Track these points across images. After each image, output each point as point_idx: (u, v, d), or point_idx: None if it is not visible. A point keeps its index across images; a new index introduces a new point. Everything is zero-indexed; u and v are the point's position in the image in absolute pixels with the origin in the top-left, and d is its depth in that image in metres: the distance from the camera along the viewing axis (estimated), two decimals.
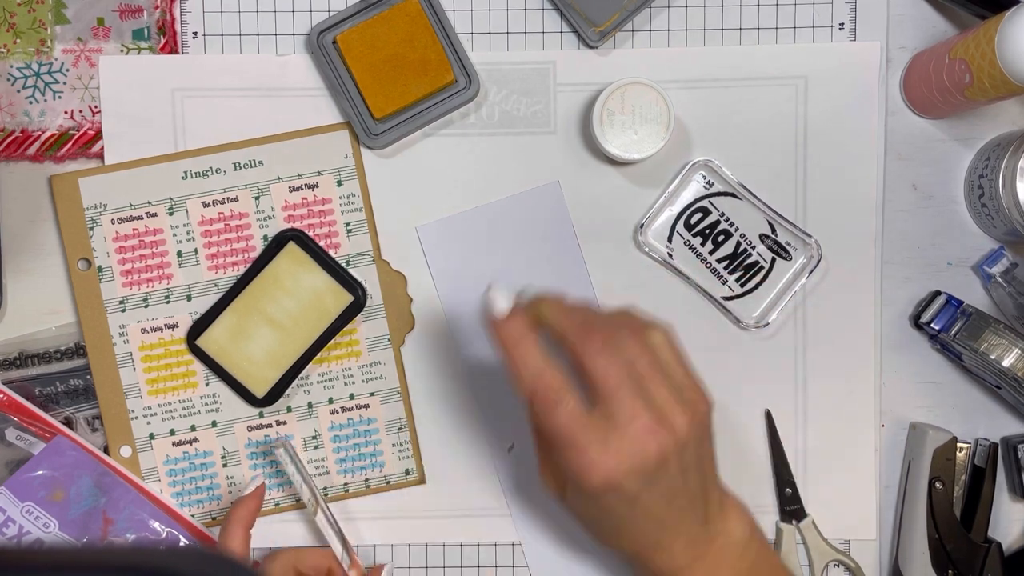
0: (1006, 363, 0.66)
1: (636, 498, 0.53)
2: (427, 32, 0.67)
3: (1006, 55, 0.57)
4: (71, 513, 0.67)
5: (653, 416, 0.52)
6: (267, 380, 0.69)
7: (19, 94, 0.68)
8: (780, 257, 0.70)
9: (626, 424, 0.51)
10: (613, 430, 0.51)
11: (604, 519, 0.55)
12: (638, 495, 0.53)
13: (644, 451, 0.51)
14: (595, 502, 0.53)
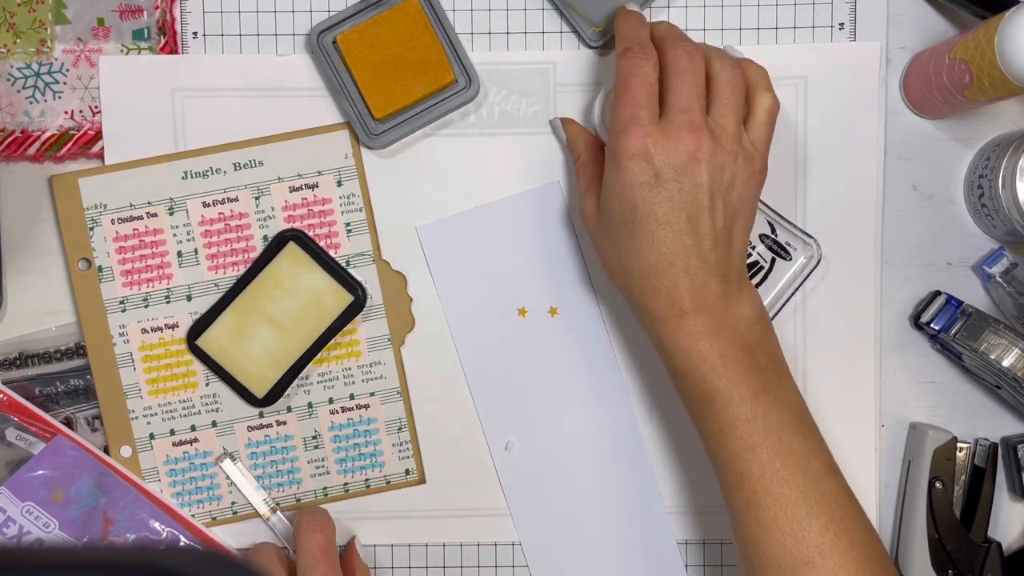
0: (1006, 363, 0.66)
1: (661, 183, 0.56)
2: (427, 32, 0.67)
3: (1006, 55, 0.57)
4: (71, 513, 0.67)
5: (703, 121, 0.57)
6: (267, 380, 0.69)
7: (19, 94, 0.68)
8: (780, 257, 0.70)
9: (678, 113, 0.57)
10: (666, 116, 0.57)
11: (627, 211, 0.57)
12: (664, 180, 0.56)
13: (681, 140, 0.56)
14: (624, 171, 0.57)
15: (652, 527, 0.71)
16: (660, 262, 0.57)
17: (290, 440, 0.70)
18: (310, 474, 0.71)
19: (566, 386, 0.70)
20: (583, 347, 0.70)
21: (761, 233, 0.70)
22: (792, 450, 0.57)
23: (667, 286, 0.57)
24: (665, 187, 0.56)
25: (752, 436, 0.57)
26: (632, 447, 0.70)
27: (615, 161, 0.57)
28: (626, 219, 0.58)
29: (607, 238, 0.60)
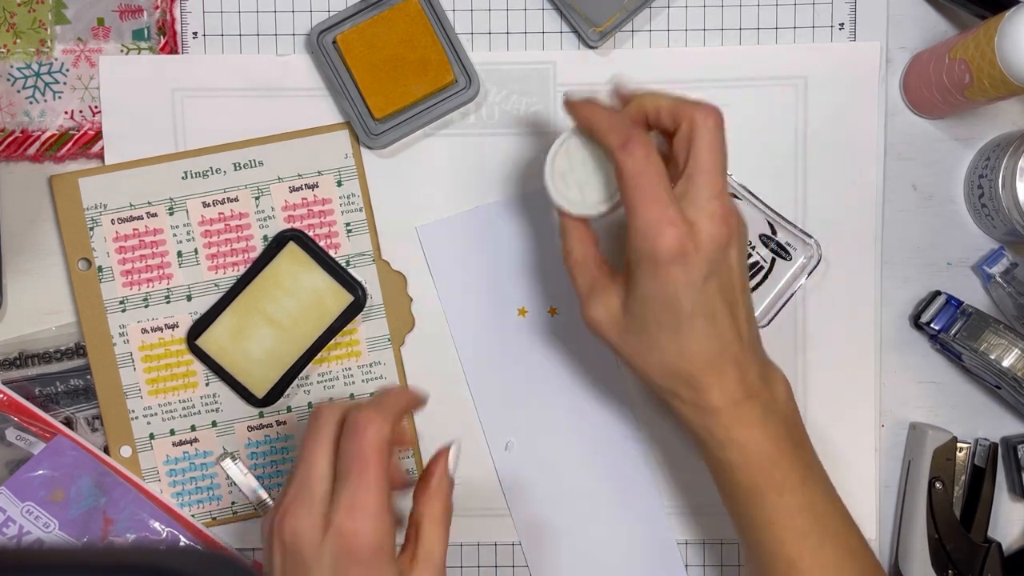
0: (1006, 363, 0.66)
1: (704, 279, 0.53)
2: (427, 32, 0.67)
3: (1006, 55, 0.57)
4: (71, 513, 0.67)
5: (727, 204, 0.53)
6: (267, 380, 0.69)
7: (19, 94, 0.68)
8: (780, 257, 0.70)
9: (707, 201, 0.53)
10: (692, 203, 0.53)
11: (667, 312, 0.53)
12: (706, 276, 0.53)
13: (717, 228, 0.53)
14: (663, 278, 0.52)
15: (652, 527, 0.71)
16: (710, 356, 0.54)
17: (290, 440, 0.70)
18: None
19: (566, 386, 0.70)
20: (583, 347, 0.70)
21: (761, 233, 0.70)
22: (837, 533, 0.57)
23: (718, 379, 0.54)
24: (708, 283, 0.53)
25: (803, 524, 0.56)
26: (632, 447, 0.70)
27: (652, 267, 0.53)
28: (668, 322, 0.54)
29: (640, 343, 0.55)
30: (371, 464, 0.51)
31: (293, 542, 0.50)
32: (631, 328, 0.55)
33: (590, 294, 0.57)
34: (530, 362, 0.70)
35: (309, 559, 0.50)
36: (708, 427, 0.55)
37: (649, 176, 0.52)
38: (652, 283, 0.53)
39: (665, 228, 0.52)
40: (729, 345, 0.54)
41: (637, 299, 0.54)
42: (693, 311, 0.53)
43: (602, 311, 0.56)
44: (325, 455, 0.53)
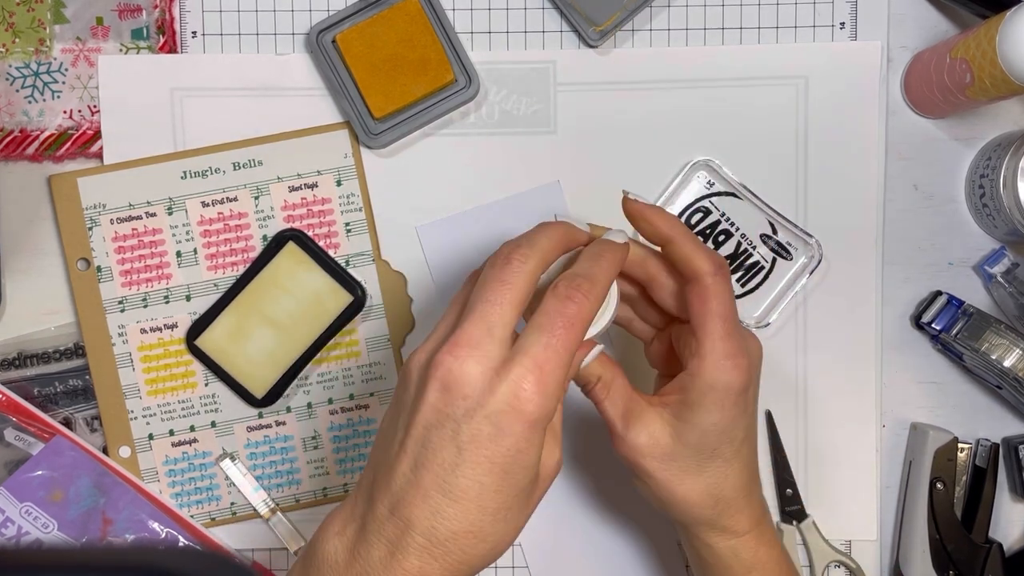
0: (1007, 363, 0.66)
1: (752, 407, 0.53)
2: (427, 32, 0.67)
3: (1007, 54, 0.57)
4: (70, 513, 0.67)
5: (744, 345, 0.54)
6: (266, 380, 0.69)
7: (18, 94, 0.68)
8: (781, 257, 0.70)
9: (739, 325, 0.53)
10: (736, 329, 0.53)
11: (725, 442, 0.53)
12: (753, 403, 0.54)
13: (758, 352, 0.55)
14: (731, 408, 0.52)
15: (652, 527, 0.70)
16: (746, 481, 0.55)
17: (289, 440, 0.70)
18: (309, 475, 0.70)
19: None
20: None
21: (762, 233, 0.69)
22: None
23: (748, 503, 0.55)
24: (753, 408, 0.54)
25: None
26: None
27: (723, 398, 0.52)
28: (722, 451, 0.53)
29: (684, 471, 0.54)
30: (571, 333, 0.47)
31: (460, 381, 0.45)
32: (678, 456, 0.54)
33: (627, 420, 0.54)
34: None
35: (472, 405, 0.45)
36: (736, 551, 0.56)
37: (732, 307, 0.52)
38: (719, 414, 0.52)
39: (740, 360, 0.52)
40: (756, 464, 0.56)
41: (694, 428, 0.53)
42: (745, 437, 0.54)
43: (645, 439, 0.53)
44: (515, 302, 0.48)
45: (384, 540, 0.46)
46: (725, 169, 0.69)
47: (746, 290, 0.70)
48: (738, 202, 0.69)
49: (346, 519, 0.47)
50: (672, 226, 0.53)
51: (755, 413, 0.55)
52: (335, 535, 0.47)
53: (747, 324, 0.69)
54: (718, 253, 0.55)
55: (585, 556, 0.71)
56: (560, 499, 0.70)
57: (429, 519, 0.45)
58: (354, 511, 0.47)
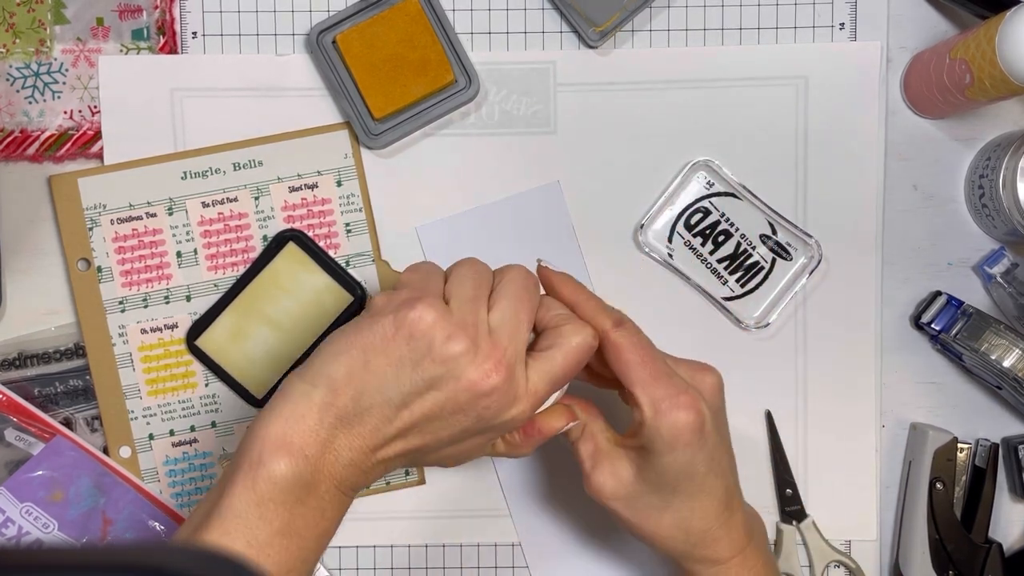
0: (1007, 364, 0.66)
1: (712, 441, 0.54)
2: (427, 32, 0.67)
3: (1006, 55, 0.57)
4: (70, 514, 0.67)
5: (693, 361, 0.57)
6: (267, 381, 0.69)
7: (18, 94, 0.68)
8: (780, 257, 0.70)
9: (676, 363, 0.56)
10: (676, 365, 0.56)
11: (684, 480, 0.54)
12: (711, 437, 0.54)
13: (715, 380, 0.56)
14: (681, 450, 0.53)
15: None
16: (719, 509, 0.56)
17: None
18: None
19: None
20: None
21: (762, 233, 0.69)
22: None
23: (727, 531, 0.56)
24: (715, 439, 0.55)
25: None
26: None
27: (672, 441, 0.53)
28: (684, 487, 0.55)
29: (651, 508, 0.56)
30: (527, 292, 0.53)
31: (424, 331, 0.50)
32: (643, 494, 0.56)
33: (595, 461, 0.57)
34: None
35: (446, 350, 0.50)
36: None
37: (647, 351, 0.54)
38: (669, 455, 0.53)
39: (681, 399, 0.53)
40: (732, 490, 0.56)
41: (652, 468, 0.54)
42: (707, 471, 0.54)
43: (610, 480, 0.56)
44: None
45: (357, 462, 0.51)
46: (725, 169, 0.69)
47: (746, 290, 0.70)
48: (738, 202, 0.69)
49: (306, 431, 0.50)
50: (574, 292, 0.56)
51: (719, 444, 0.55)
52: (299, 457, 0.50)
53: (747, 325, 0.69)
54: (617, 310, 0.56)
55: (585, 556, 0.71)
56: (560, 499, 0.70)
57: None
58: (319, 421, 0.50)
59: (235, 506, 0.49)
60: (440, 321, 0.50)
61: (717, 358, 0.69)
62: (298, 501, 0.49)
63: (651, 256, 0.70)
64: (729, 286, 0.70)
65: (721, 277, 0.70)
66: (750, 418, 0.70)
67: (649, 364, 0.54)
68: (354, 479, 0.51)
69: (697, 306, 0.70)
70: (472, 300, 0.52)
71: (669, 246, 0.70)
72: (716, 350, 0.69)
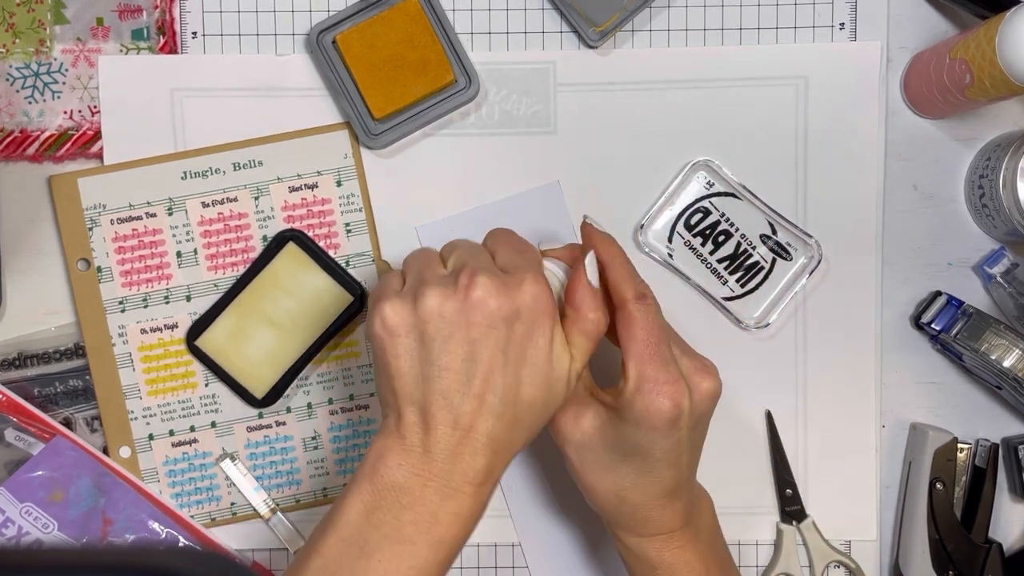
0: (1007, 364, 0.66)
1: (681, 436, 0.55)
2: (427, 32, 0.67)
3: (1006, 55, 0.57)
4: (70, 514, 0.67)
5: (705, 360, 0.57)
6: (267, 381, 0.69)
7: (18, 94, 0.68)
8: (780, 257, 0.70)
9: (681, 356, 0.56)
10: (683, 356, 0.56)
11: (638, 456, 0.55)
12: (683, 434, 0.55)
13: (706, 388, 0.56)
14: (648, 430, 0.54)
15: None
16: (659, 494, 0.57)
17: (289, 441, 0.70)
18: (310, 475, 0.70)
19: None
20: None
21: (762, 233, 0.69)
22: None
23: (659, 513, 0.57)
24: (683, 438, 0.55)
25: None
26: None
27: (643, 419, 0.54)
28: (635, 461, 0.56)
29: (599, 466, 0.57)
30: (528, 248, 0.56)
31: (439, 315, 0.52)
32: (596, 448, 0.57)
33: (568, 403, 0.57)
34: None
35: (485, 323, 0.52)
36: (643, 549, 0.58)
37: (656, 334, 0.54)
38: (634, 430, 0.55)
39: (665, 388, 0.53)
40: (679, 487, 0.57)
41: (614, 431, 0.56)
42: (663, 458, 0.55)
43: (571, 423, 0.57)
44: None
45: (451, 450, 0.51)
46: (725, 169, 0.69)
47: (746, 290, 0.70)
48: (738, 202, 0.69)
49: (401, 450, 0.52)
50: (611, 254, 0.57)
51: (685, 441, 0.55)
52: (397, 466, 0.51)
53: (747, 325, 0.69)
54: (646, 284, 0.56)
55: (585, 556, 0.71)
56: (560, 500, 0.70)
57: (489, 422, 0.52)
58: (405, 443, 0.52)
59: (347, 513, 0.51)
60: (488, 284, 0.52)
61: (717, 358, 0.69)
62: (403, 507, 0.51)
63: (651, 256, 0.70)
64: (729, 286, 0.70)
65: (721, 277, 0.70)
66: (750, 418, 0.70)
67: (652, 345, 0.54)
68: (459, 473, 0.51)
69: (697, 306, 0.70)
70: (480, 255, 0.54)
71: (669, 246, 0.70)
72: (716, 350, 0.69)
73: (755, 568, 0.71)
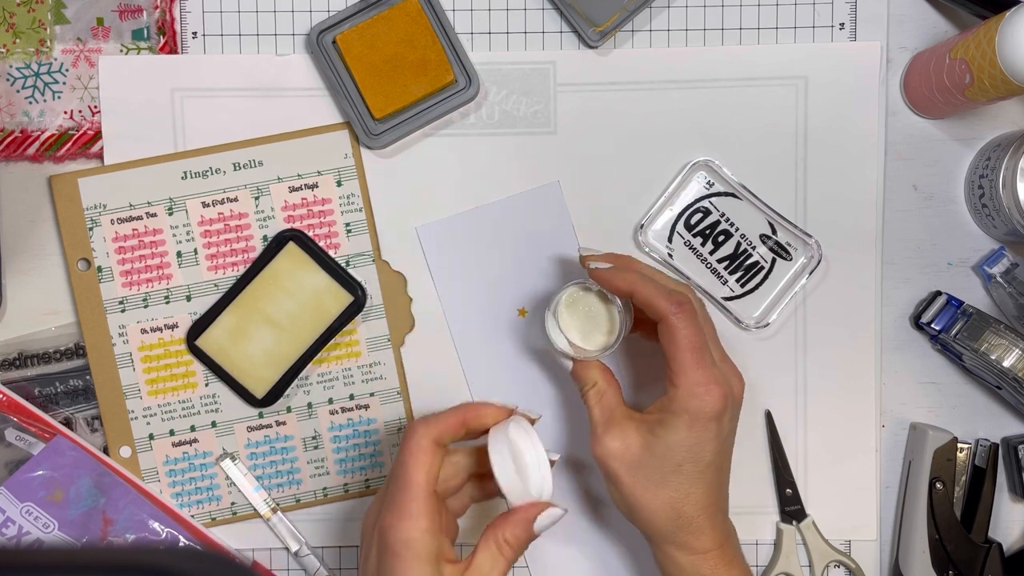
0: (1007, 363, 0.66)
1: (726, 436, 0.58)
2: (427, 32, 0.67)
3: (1006, 55, 0.57)
4: (71, 513, 0.67)
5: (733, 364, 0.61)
6: (267, 380, 0.69)
7: (19, 94, 0.68)
8: (780, 257, 0.70)
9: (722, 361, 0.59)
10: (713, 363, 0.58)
11: (689, 462, 0.57)
12: (728, 433, 0.58)
13: (737, 388, 0.59)
14: (700, 431, 0.57)
15: None
16: (709, 502, 0.59)
17: (290, 440, 0.70)
18: (310, 474, 0.70)
19: (565, 386, 0.70)
20: None
21: (762, 233, 0.70)
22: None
23: (711, 523, 0.59)
24: (728, 437, 0.59)
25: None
26: None
27: (693, 420, 0.57)
28: (686, 468, 0.58)
29: (650, 481, 0.58)
30: (408, 469, 0.55)
31: (362, 531, 0.58)
32: (644, 465, 0.58)
33: (608, 426, 0.60)
34: (530, 362, 0.70)
35: (367, 544, 0.56)
36: (698, 567, 0.59)
37: (699, 339, 0.57)
38: (686, 433, 0.57)
39: (713, 388, 0.56)
40: (723, 491, 0.60)
41: (663, 442, 0.58)
42: (711, 461, 0.58)
43: (619, 445, 0.59)
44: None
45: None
46: (725, 169, 0.69)
47: (746, 290, 0.70)
48: (738, 202, 0.69)
49: None
50: (630, 283, 0.59)
51: (727, 443, 0.59)
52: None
53: (747, 324, 0.69)
54: (681, 291, 0.59)
55: (585, 556, 0.71)
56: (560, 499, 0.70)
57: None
58: None
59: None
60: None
61: None
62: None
63: (651, 256, 0.70)
64: (729, 286, 0.70)
65: (721, 277, 0.70)
66: (750, 418, 0.70)
67: (696, 351, 0.57)
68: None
69: None
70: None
71: (669, 246, 0.70)
72: None
73: (755, 568, 0.71)
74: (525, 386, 0.70)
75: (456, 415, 0.57)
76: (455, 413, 0.57)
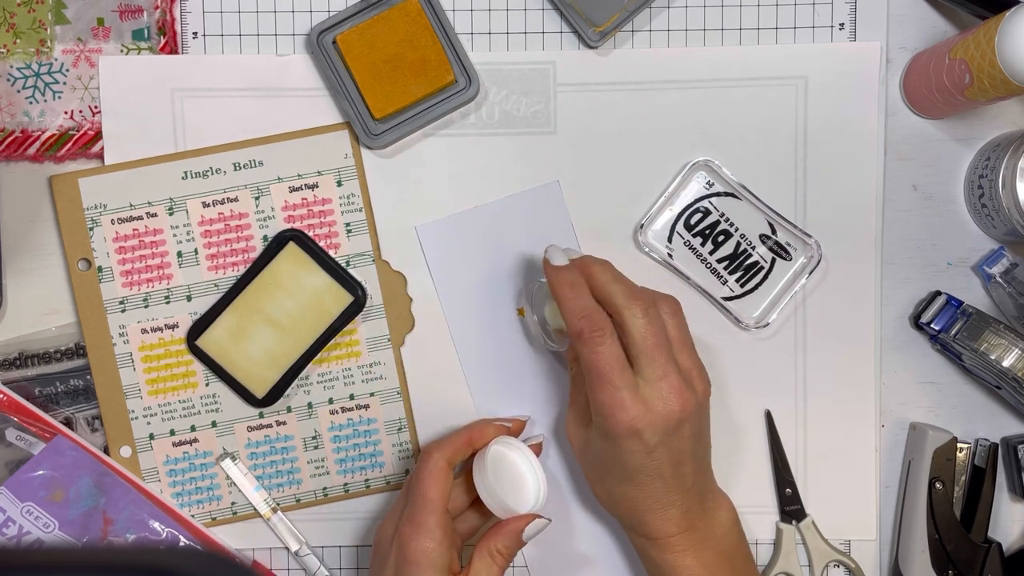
0: (1006, 363, 0.66)
1: (652, 451, 0.58)
2: (427, 32, 0.67)
3: (1006, 55, 0.57)
4: (71, 513, 0.67)
5: (681, 378, 0.58)
6: (267, 380, 0.69)
7: (19, 94, 0.68)
8: (780, 257, 0.70)
9: (657, 380, 0.58)
10: (645, 383, 0.58)
11: (616, 467, 0.60)
12: (654, 448, 0.58)
13: (668, 408, 0.58)
14: (614, 445, 0.59)
15: None
16: (650, 503, 0.60)
17: (290, 440, 0.70)
18: (310, 474, 0.71)
19: (565, 386, 0.70)
20: None
21: (761, 233, 0.70)
22: None
23: (654, 518, 0.60)
24: (656, 452, 0.58)
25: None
26: None
27: (606, 439, 0.59)
28: (615, 472, 0.60)
29: (592, 470, 0.63)
30: (426, 487, 0.60)
31: (376, 543, 0.62)
32: (587, 455, 0.63)
33: (573, 409, 0.65)
34: (530, 362, 0.70)
35: (383, 555, 0.61)
36: (645, 549, 0.62)
37: (604, 361, 0.58)
38: (603, 444, 0.60)
39: (616, 412, 0.57)
40: (667, 494, 0.60)
41: (593, 445, 0.61)
42: (638, 470, 0.59)
43: (573, 431, 0.64)
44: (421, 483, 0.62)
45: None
46: (724, 169, 0.69)
47: (745, 290, 0.70)
48: (737, 202, 0.69)
49: None
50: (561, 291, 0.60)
51: (668, 457, 0.59)
52: None
53: (746, 324, 0.70)
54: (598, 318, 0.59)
55: (585, 556, 0.71)
56: (560, 500, 0.71)
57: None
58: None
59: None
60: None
61: (717, 358, 0.70)
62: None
63: (651, 256, 0.70)
64: (729, 286, 0.70)
65: (721, 277, 0.70)
66: (750, 418, 0.70)
67: (600, 375, 0.58)
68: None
69: (697, 306, 0.70)
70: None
71: (669, 246, 0.70)
72: (716, 350, 0.70)
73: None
74: (525, 385, 0.70)
75: (462, 436, 0.63)
76: (461, 434, 0.64)
